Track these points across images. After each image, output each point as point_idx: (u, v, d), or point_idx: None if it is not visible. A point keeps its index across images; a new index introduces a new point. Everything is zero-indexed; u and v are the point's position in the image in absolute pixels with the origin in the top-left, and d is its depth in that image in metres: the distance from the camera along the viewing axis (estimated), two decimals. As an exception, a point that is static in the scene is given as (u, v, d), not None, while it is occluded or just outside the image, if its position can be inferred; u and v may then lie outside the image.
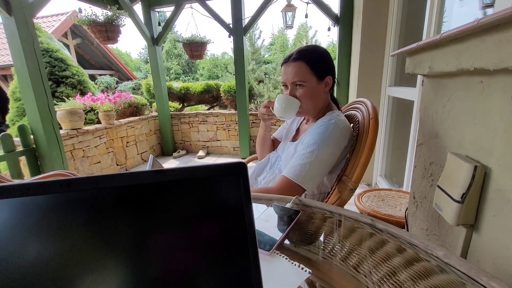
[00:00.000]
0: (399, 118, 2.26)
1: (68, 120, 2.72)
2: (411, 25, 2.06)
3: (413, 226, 0.99)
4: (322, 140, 0.82)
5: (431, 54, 0.70)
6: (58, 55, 3.67)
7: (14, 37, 2.10)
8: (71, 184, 0.24)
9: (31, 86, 2.19)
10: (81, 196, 0.24)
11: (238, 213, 0.28)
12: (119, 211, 0.25)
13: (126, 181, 0.25)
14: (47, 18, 7.45)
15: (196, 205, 0.27)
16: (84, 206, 0.25)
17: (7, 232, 0.23)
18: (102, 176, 0.25)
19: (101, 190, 0.25)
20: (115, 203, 0.25)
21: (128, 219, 0.26)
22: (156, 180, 0.26)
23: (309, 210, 0.61)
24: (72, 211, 0.24)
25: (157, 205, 0.26)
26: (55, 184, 0.24)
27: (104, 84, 6.65)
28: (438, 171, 0.79)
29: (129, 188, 0.25)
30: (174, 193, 0.27)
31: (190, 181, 0.27)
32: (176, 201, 0.27)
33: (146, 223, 0.26)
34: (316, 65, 0.89)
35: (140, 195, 0.26)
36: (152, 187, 0.26)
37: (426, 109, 0.87)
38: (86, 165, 2.95)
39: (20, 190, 0.23)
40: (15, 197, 0.23)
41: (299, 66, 0.89)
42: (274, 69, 4.89)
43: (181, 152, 4.19)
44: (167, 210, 0.27)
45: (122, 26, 2.86)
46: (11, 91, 3.52)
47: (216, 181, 0.28)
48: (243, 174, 0.28)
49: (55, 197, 0.24)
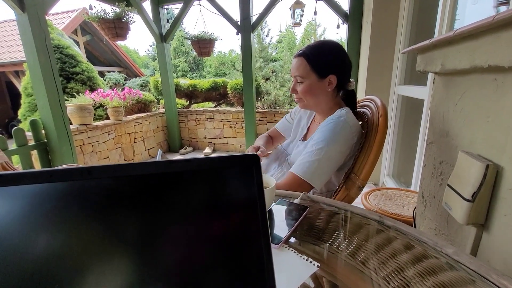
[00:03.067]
0: (408, 118, 2.23)
1: (78, 116, 2.77)
2: (422, 22, 2.02)
3: (421, 226, 0.98)
4: (331, 137, 0.81)
5: (443, 51, 0.69)
6: (68, 52, 3.73)
7: (27, 33, 2.15)
8: (91, 172, 0.25)
9: (43, 82, 2.23)
10: (100, 184, 0.25)
11: (251, 205, 0.29)
12: (136, 200, 0.26)
13: (144, 170, 0.26)
14: (57, 15, 7.58)
15: (210, 196, 0.28)
16: (102, 193, 0.25)
17: (27, 217, 0.24)
18: (122, 165, 0.26)
19: (120, 179, 0.26)
20: (133, 192, 0.26)
21: (144, 208, 0.27)
22: (172, 170, 0.27)
23: (317, 206, 0.61)
24: (91, 198, 0.25)
25: (172, 195, 0.27)
26: (76, 171, 0.25)
27: (112, 80, 6.73)
28: (448, 170, 0.78)
29: (147, 177, 0.26)
30: (189, 183, 0.27)
31: (205, 172, 0.27)
32: (190, 191, 0.27)
33: (161, 213, 0.27)
34: (316, 62, 0.87)
35: (156, 184, 0.26)
36: (168, 177, 0.27)
37: (437, 107, 0.86)
38: (95, 160, 3.00)
39: (45, 176, 0.24)
40: (39, 183, 0.24)
41: (300, 62, 0.89)
42: (282, 67, 4.86)
43: (187, 149, 4.22)
44: (181, 201, 0.27)
45: (131, 23, 2.89)
46: (23, 87, 3.60)
47: (230, 172, 0.28)
48: (256, 166, 0.29)
49: (76, 184, 0.25)
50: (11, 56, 6.68)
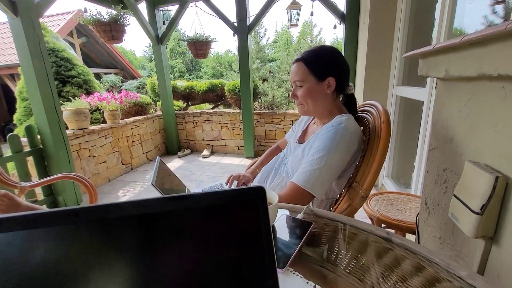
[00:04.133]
0: (407, 118, 2.22)
1: (74, 120, 2.73)
2: (420, 22, 2.01)
3: (425, 233, 0.96)
4: (332, 145, 0.79)
5: (447, 57, 0.67)
6: (64, 55, 3.68)
7: (21, 38, 2.11)
8: (79, 214, 0.23)
9: (38, 87, 2.20)
10: (90, 226, 0.23)
11: (257, 239, 0.27)
12: (130, 242, 0.24)
13: (137, 210, 0.24)
14: (52, 17, 7.50)
15: (213, 231, 0.26)
16: (93, 236, 0.23)
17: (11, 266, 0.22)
18: (112, 205, 0.23)
19: (111, 220, 0.23)
20: (126, 233, 0.24)
21: (140, 247, 0.24)
22: (170, 208, 0.24)
23: (321, 221, 0.59)
24: (81, 242, 0.23)
25: (171, 232, 0.25)
26: (62, 214, 0.23)
27: (109, 83, 6.68)
28: (453, 178, 0.76)
29: (141, 217, 0.24)
30: (189, 220, 0.25)
31: (207, 208, 0.25)
32: (191, 228, 0.25)
33: (160, 251, 0.25)
34: (314, 65, 0.88)
35: (152, 223, 0.24)
36: (165, 216, 0.24)
37: (440, 112, 0.84)
38: (92, 164, 2.96)
39: (26, 222, 0.22)
40: (20, 230, 0.22)
41: (299, 67, 0.90)
42: (279, 68, 4.84)
43: (185, 151, 4.19)
44: (181, 237, 0.25)
45: (127, 25, 2.85)
46: (18, 91, 3.55)
47: (235, 207, 0.26)
48: (261, 199, 0.26)
49: (63, 229, 0.23)
50: (6, 59, 6.59)
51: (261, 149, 4.01)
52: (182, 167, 3.66)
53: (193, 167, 3.65)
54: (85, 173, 2.88)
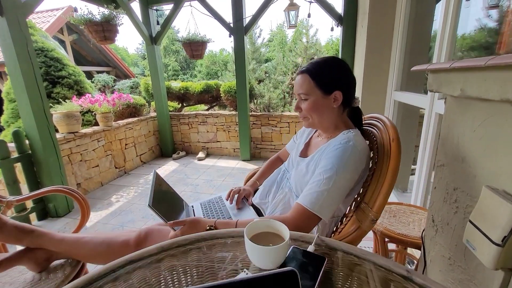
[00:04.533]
0: (404, 122, 2.21)
1: (64, 124, 2.64)
2: (419, 27, 1.99)
3: (432, 251, 0.94)
4: (340, 165, 0.76)
5: (464, 75, 0.64)
6: (53, 55, 3.56)
7: (7, 39, 2.01)
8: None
9: (26, 90, 2.10)
10: None
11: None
12: None
13: None
14: (42, 13, 7.27)
15: None
16: None
17: None
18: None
19: None
20: None
21: None
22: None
23: (333, 254, 0.55)
24: None
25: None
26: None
27: (101, 82, 6.52)
28: (464, 199, 0.73)
29: None
30: None
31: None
32: None
33: None
34: (320, 79, 0.85)
35: None
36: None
37: (450, 128, 0.81)
38: (84, 169, 2.87)
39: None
40: None
41: (304, 79, 0.86)
42: (275, 68, 4.80)
43: (180, 153, 4.12)
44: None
45: (120, 25, 2.76)
46: (5, 92, 3.42)
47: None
48: (293, 283, 0.22)
49: None
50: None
51: (257, 151, 3.97)
52: (177, 170, 3.59)
53: (188, 170, 3.58)
54: (77, 178, 2.79)
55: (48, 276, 0.94)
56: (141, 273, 0.50)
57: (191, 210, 1.10)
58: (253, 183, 1.17)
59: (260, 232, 0.55)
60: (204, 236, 0.60)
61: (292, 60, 4.89)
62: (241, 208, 1.06)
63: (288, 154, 1.22)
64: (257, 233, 0.54)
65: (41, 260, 0.94)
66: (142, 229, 0.93)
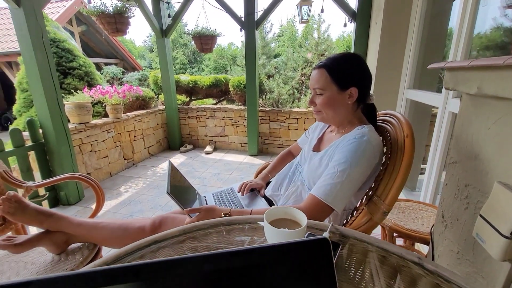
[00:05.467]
0: (415, 121, 2.20)
1: (76, 114, 2.69)
2: (436, 25, 1.96)
3: (440, 246, 0.95)
4: (354, 159, 0.77)
5: (481, 74, 0.65)
6: (65, 46, 3.61)
7: (23, 29, 2.05)
8: (139, 273, 0.21)
9: (40, 80, 2.15)
10: (154, 285, 0.21)
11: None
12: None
13: (205, 266, 0.22)
14: (51, 3, 7.31)
15: (279, 284, 0.24)
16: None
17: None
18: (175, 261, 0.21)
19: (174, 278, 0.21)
20: None
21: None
22: (234, 264, 0.22)
23: (347, 241, 0.57)
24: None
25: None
26: (120, 272, 0.21)
27: (110, 74, 6.58)
28: (476, 195, 0.75)
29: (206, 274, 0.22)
30: (257, 275, 0.23)
31: (272, 263, 0.23)
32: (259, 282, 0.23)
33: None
34: (337, 74, 0.85)
35: (217, 279, 0.22)
36: (230, 272, 0.22)
37: (464, 126, 0.82)
38: (94, 159, 2.93)
39: (83, 281, 0.20)
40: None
41: (320, 74, 0.87)
42: (285, 64, 4.78)
43: (188, 147, 4.16)
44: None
45: (132, 17, 2.78)
46: (18, 82, 3.49)
47: (298, 259, 0.24)
48: (325, 251, 0.24)
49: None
50: (3, 47, 6.46)
51: (264, 146, 3.99)
52: (184, 163, 3.64)
53: (196, 163, 3.63)
54: (87, 168, 2.85)
55: (67, 258, 0.98)
56: (165, 252, 0.53)
57: (204, 200, 1.13)
58: (264, 176, 1.20)
59: (278, 218, 0.57)
60: (223, 221, 0.62)
61: (302, 56, 4.86)
62: (253, 199, 1.09)
63: (299, 148, 1.24)
64: (275, 219, 0.57)
65: (60, 242, 0.98)
66: (156, 217, 0.96)
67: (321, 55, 4.60)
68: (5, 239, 0.93)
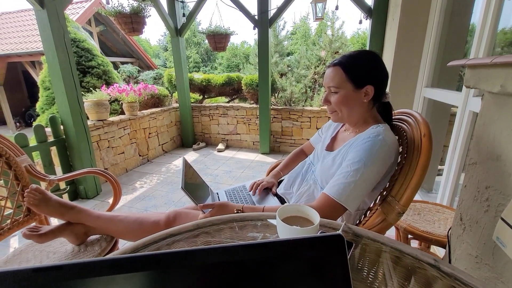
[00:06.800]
0: (433, 120, 2.13)
1: (94, 112, 2.79)
2: (456, 21, 1.89)
3: (458, 249, 0.92)
4: (368, 158, 0.76)
5: (505, 71, 0.62)
6: (84, 45, 3.74)
7: (46, 30, 2.14)
8: (160, 261, 0.22)
9: (62, 79, 2.24)
10: (173, 274, 0.22)
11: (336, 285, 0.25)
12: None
13: (220, 257, 0.22)
14: (72, 5, 7.59)
15: (292, 279, 0.25)
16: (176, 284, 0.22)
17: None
18: (192, 252, 0.22)
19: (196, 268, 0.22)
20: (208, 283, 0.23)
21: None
22: (249, 257, 0.23)
23: (360, 241, 0.57)
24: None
25: (254, 280, 0.24)
26: (143, 259, 0.22)
27: (126, 73, 6.77)
28: (497, 197, 0.72)
29: (224, 265, 0.23)
30: (271, 269, 0.24)
31: (286, 257, 0.24)
32: (273, 277, 0.24)
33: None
34: (353, 72, 0.83)
35: (237, 272, 0.23)
36: (244, 265, 0.23)
37: (486, 126, 0.79)
38: (111, 155, 3.03)
39: (108, 267, 0.21)
40: (103, 275, 0.21)
41: (335, 72, 0.85)
42: (298, 62, 4.74)
43: (200, 144, 4.22)
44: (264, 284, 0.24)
45: (148, 17, 2.84)
46: (41, 80, 3.65)
47: (313, 255, 0.25)
48: (339, 247, 0.25)
49: (145, 275, 0.22)
50: (28, 47, 6.77)
51: (276, 145, 3.99)
52: (197, 161, 3.69)
53: (208, 160, 3.68)
54: (104, 164, 2.95)
55: (86, 249, 1.03)
56: (179, 246, 0.54)
57: (216, 196, 1.14)
58: (276, 174, 1.20)
59: (291, 215, 0.57)
60: (235, 217, 0.63)
61: (315, 54, 4.80)
62: (264, 197, 1.09)
63: (312, 147, 1.23)
64: (288, 216, 0.57)
65: (80, 234, 1.02)
66: (171, 212, 0.99)
67: (335, 52, 4.53)
68: (30, 229, 0.99)
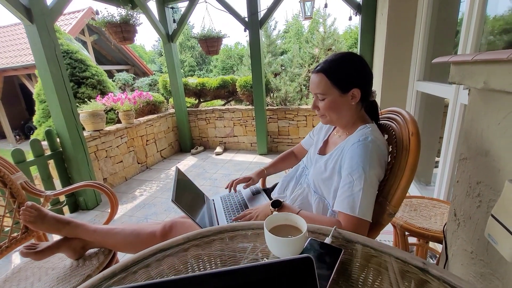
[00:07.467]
0: (427, 113, 2.13)
1: (90, 122, 2.79)
2: (445, 11, 1.89)
3: (453, 245, 0.93)
4: (366, 163, 0.75)
5: (487, 68, 0.62)
6: (78, 56, 3.74)
7: (37, 44, 2.14)
8: None
9: (55, 92, 2.24)
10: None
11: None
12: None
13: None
14: (64, 16, 7.59)
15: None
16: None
17: None
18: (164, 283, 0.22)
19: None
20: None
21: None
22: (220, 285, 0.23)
23: (350, 246, 0.57)
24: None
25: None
26: None
27: (121, 81, 6.77)
28: (488, 193, 0.72)
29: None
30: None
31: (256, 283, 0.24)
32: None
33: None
34: (337, 77, 0.82)
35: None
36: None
37: (473, 121, 0.79)
38: (109, 165, 3.03)
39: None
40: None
41: (320, 79, 0.84)
42: (291, 61, 4.74)
43: (198, 149, 4.23)
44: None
45: (138, 25, 2.84)
46: (36, 93, 3.66)
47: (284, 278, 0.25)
48: (309, 270, 0.25)
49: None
50: (23, 60, 6.79)
51: (274, 145, 3.99)
52: (195, 165, 3.69)
53: (206, 164, 3.68)
54: (103, 173, 2.96)
55: (84, 263, 1.03)
56: (170, 260, 0.55)
57: (212, 204, 1.15)
58: (260, 171, 1.22)
59: (279, 224, 0.58)
60: (226, 228, 0.63)
61: (308, 52, 4.80)
62: (258, 200, 1.10)
63: (303, 149, 1.23)
64: (276, 225, 0.57)
65: (78, 248, 1.03)
66: (167, 222, 0.99)
67: (327, 49, 4.53)
68: (28, 247, 0.99)
